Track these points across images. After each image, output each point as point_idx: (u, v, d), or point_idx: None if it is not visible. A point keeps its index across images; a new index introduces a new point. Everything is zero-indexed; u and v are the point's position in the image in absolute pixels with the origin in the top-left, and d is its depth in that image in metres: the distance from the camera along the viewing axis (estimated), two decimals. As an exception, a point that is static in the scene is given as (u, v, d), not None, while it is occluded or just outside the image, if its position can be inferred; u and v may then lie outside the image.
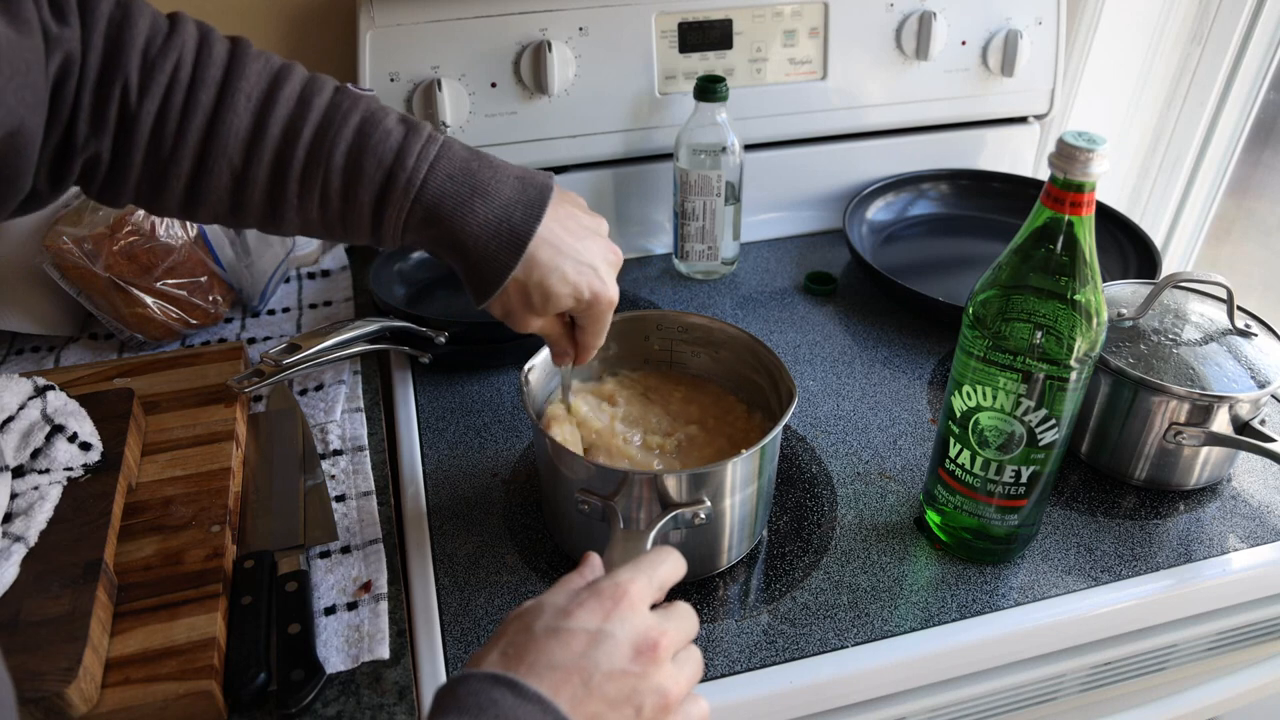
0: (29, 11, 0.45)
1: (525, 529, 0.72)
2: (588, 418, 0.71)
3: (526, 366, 0.70)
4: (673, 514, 0.60)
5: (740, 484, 0.63)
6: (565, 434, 0.70)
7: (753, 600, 0.67)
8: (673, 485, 0.61)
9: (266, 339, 0.92)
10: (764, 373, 0.71)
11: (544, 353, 0.71)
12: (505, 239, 0.56)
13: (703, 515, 0.61)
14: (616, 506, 0.61)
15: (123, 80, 0.50)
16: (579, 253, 0.58)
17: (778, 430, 0.63)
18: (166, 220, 0.86)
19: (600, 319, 0.62)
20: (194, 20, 0.53)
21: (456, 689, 0.40)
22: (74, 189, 0.56)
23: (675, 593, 0.66)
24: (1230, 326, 0.76)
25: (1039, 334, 0.58)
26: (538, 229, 0.56)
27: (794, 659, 0.62)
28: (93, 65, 0.49)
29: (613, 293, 0.61)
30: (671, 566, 0.48)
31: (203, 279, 0.89)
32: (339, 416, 0.81)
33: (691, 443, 0.71)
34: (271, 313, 0.96)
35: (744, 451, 0.62)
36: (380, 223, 0.56)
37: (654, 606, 0.46)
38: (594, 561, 0.50)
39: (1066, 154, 0.53)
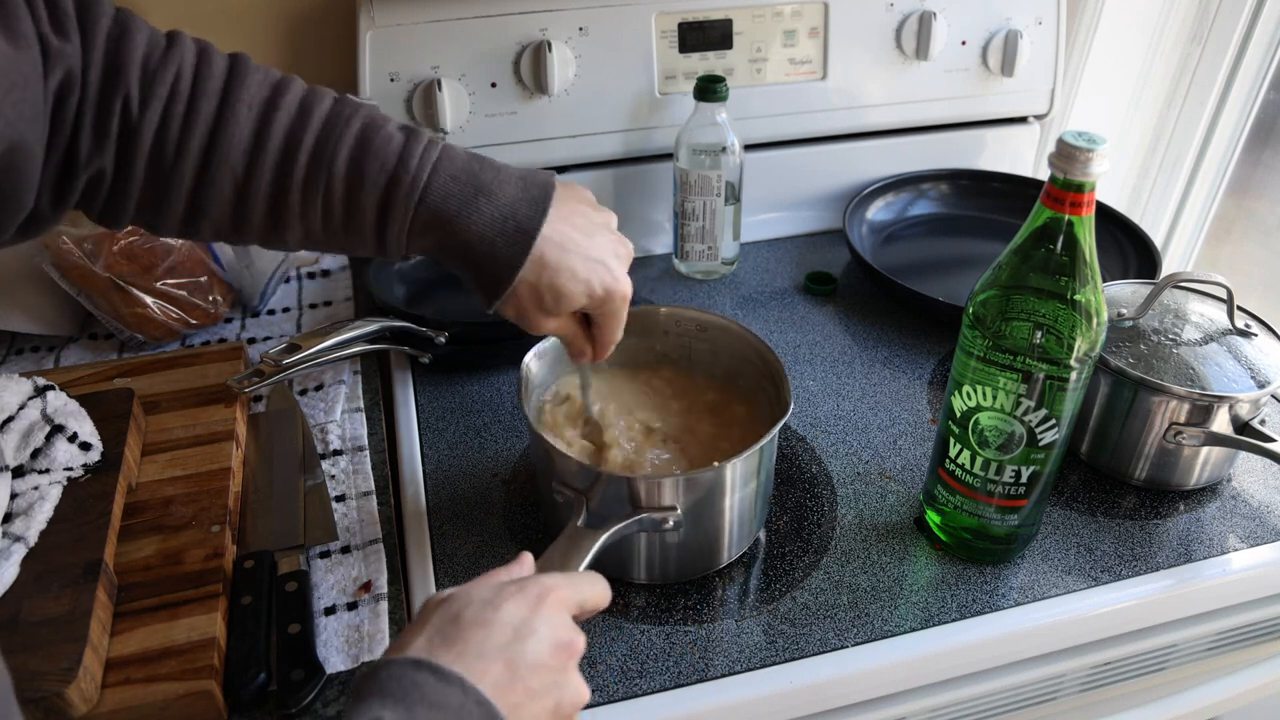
0: (26, 26, 0.45)
1: (525, 529, 0.72)
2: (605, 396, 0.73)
3: (527, 357, 0.70)
4: (638, 517, 0.60)
5: (740, 483, 0.63)
6: (562, 427, 0.71)
7: (753, 600, 0.67)
8: (643, 489, 0.61)
9: (266, 339, 0.92)
10: (769, 379, 0.71)
11: (546, 343, 0.72)
12: (511, 236, 0.55)
13: (671, 522, 0.61)
14: (585, 501, 0.61)
15: (123, 93, 0.50)
16: (588, 249, 0.58)
17: (761, 443, 0.63)
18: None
19: (616, 314, 0.61)
20: (191, 37, 0.54)
21: (378, 674, 0.41)
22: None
23: (676, 594, 0.67)
24: (1230, 326, 0.76)
25: (1039, 334, 0.58)
26: (544, 225, 0.56)
27: (794, 659, 0.62)
28: (94, 81, 0.49)
29: (626, 287, 0.60)
30: (596, 590, 0.49)
31: (203, 279, 0.89)
32: (339, 416, 0.81)
33: (695, 437, 0.71)
34: (271, 313, 0.96)
35: (715, 463, 0.62)
36: (385, 228, 0.55)
37: None
38: (526, 560, 0.51)
39: (1066, 154, 0.53)
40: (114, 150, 0.50)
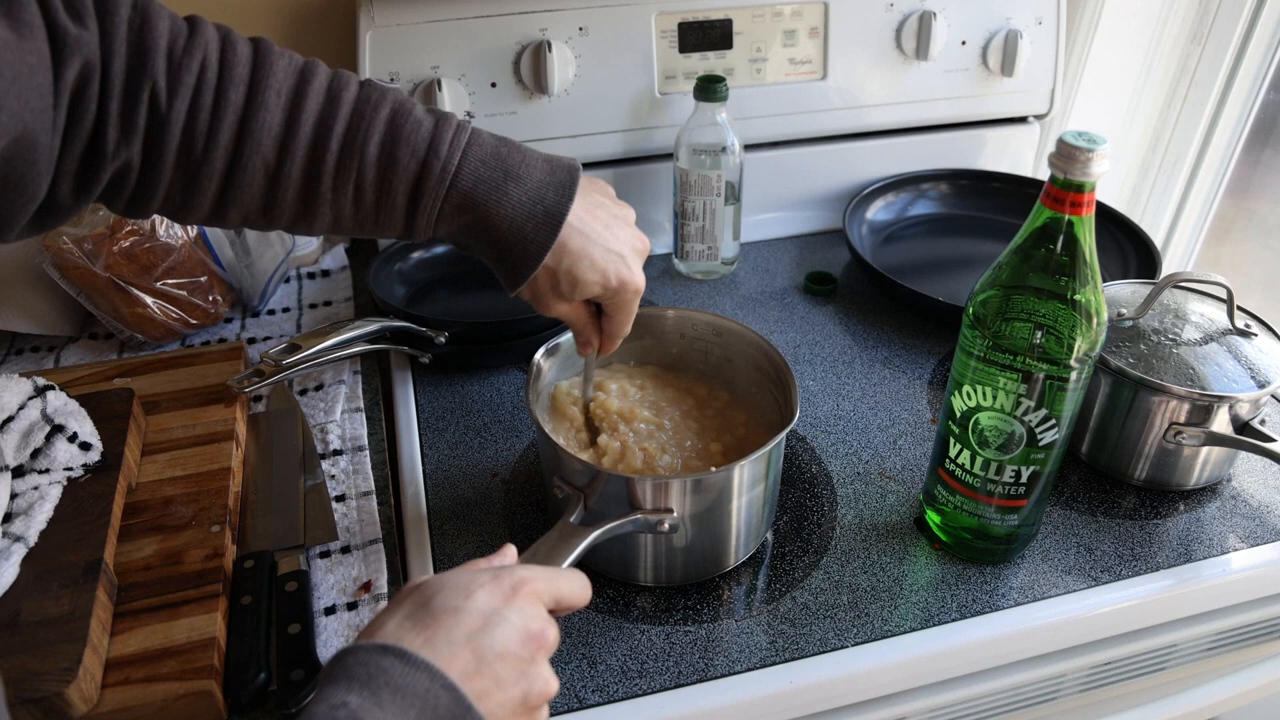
0: (31, 14, 0.45)
1: (525, 529, 0.72)
2: (610, 398, 0.73)
3: (538, 354, 0.70)
4: (632, 517, 0.61)
5: (746, 486, 0.63)
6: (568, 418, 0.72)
7: (753, 600, 0.67)
8: (641, 490, 0.61)
9: (266, 339, 0.92)
10: (778, 385, 0.71)
11: (557, 340, 0.72)
12: (540, 220, 0.56)
13: (668, 524, 0.61)
14: (583, 498, 0.62)
15: (150, 84, 0.49)
16: (607, 240, 0.59)
17: (767, 448, 0.62)
18: (166, 220, 0.86)
19: (626, 307, 0.62)
20: (211, 22, 0.53)
21: (345, 659, 0.41)
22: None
23: (676, 594, 0.67)
24: (1230, 326, 0.76)
25: (1039, 334, 0.58)
26: (569, 212, 0.57)
27: (794, 659, 0.62)
28: (118, 71, 0.48)
29: (639, 281, 0.61)
30: (574, 585, 0.49)
31: (203, 279, 0.89)
32: (339, 416, 0.81)
33: (702, 439, 0.71)
34: (271, 313, 0.96)
35: (713, 468, 0.63)
36: (415, 213, 0.56)
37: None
38: (508, 552, 0.52)
39: (1066, 154, 0.53)
40: (141, 142, 0.50)
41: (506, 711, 0.42)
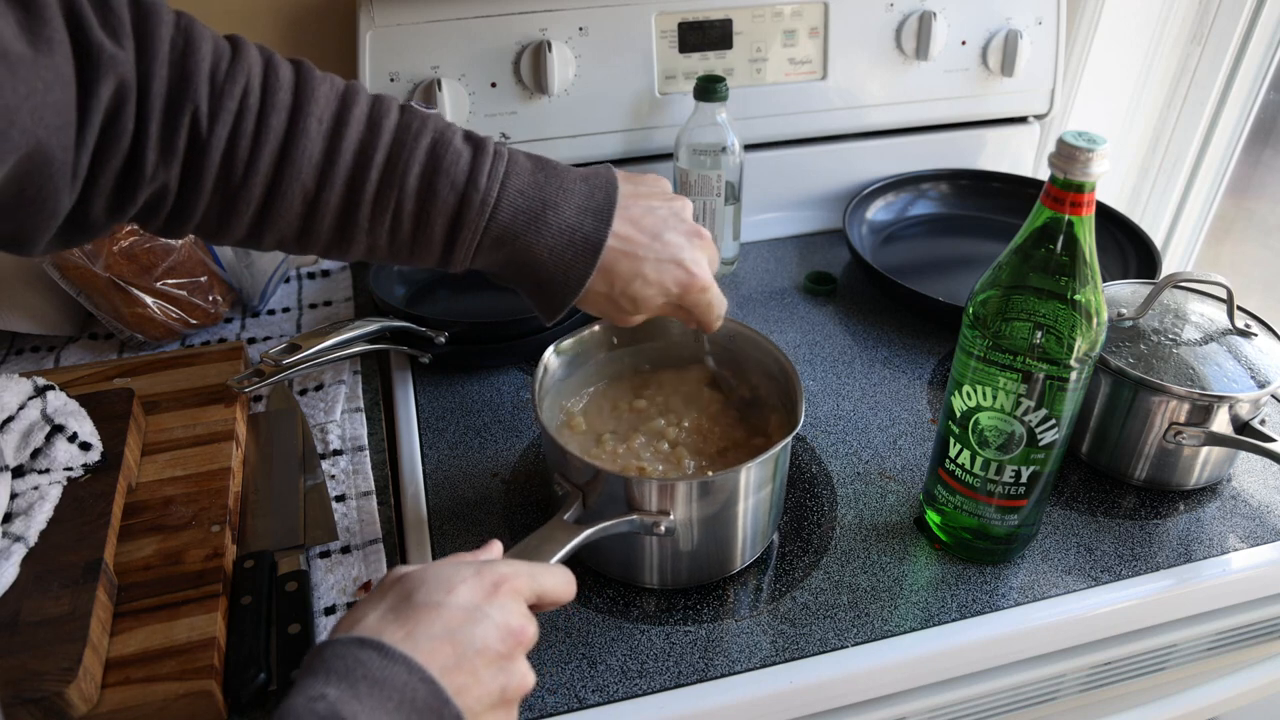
0: (53, 29, 0.44)
1: (525, 529, 0.72)
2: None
3: (547, 352, 0.70)
4: (627, 518, 0.61)
5: (752, 489, 0.63)
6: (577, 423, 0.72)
7: (753, 600, 0.67)
8: (638, 491, 0.61)
9: (266, 339, 0.92)
10: (785, 391, 0.71)
11: (567, 340, 0.72)
12: (579, 248, 0.56)
13: (664, 527, 0.61)
14: (581, 495, 0.62)
15: (192, 108, 0.49)
16: (658, 250, 0.58)
17: (773, 452, 0.62)
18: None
19: (698, 304, 0.61)
20: (254, 43, 0.53)
21: (324, 652, 0.41)
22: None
23: (676, 594, 0.67)
24: (1230, 326, 0.76)
25: (1039, 334, 0.58)
26: (609, 236, 0.56)
27: (794, 659, 0.62)
28: (158, 93, 0.48)
29: (701, 280, 0.60)
30: (557, 582, 0.50)
31: (203, 279, 0.89)
32: (339, 416, 0.81)
33: (709, 441, 0.72)
34: (271, 313, 0.96)
35: (711, 474, 0.63)
36: (453, 245, 0.55)
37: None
38: (494, 547, 0.52)
39: (1066, 154, 0.53)
40: (180, 165, 0.50)
41: (484, 705, 0.42)
